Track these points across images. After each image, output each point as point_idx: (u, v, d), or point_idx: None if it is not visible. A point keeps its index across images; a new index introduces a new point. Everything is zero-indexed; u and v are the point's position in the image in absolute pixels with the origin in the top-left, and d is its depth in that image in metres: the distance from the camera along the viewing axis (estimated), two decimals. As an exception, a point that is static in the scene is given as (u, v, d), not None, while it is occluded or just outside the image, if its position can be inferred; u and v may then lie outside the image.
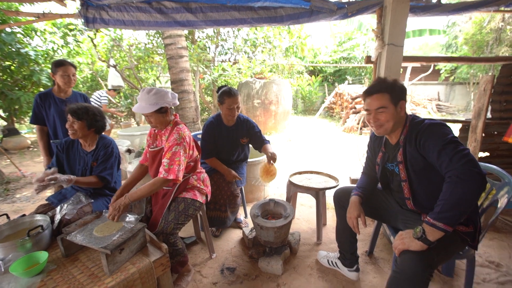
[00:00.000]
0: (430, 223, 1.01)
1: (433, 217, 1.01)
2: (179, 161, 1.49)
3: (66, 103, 2.08)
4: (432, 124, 1.16)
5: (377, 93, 1.24)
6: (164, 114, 1.56)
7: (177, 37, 4.08)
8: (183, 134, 1.55)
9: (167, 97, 1.53)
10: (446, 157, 1.03)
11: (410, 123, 1.24)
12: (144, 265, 1.29)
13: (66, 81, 2.05)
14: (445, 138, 1.07)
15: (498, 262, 1.80)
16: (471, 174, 0.97)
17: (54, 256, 1.36)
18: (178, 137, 1.53)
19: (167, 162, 1.48)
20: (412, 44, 16.43)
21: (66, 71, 2.03)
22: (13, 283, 1.16)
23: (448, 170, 1.02)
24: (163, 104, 1.51)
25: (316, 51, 11.33)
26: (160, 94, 1.50)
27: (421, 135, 1.15)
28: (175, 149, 1.50)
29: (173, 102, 1.57)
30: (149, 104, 1.48)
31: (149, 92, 1.49)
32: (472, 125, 2.39)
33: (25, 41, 5.25)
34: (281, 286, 1.64)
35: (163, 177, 1.46)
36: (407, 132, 1.24)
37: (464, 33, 8.90)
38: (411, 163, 1.22)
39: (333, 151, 4.96)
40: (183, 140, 1.54)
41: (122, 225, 1.40)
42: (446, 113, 9.13)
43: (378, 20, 1.99)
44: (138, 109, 1.50)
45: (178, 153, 1.50)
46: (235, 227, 2.31)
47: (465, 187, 0.97)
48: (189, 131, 1.67)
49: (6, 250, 1.28)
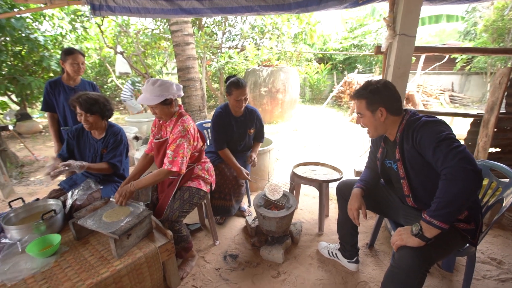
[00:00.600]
0: (426, 221, 1.02)
1: (429, 215, 1.02)
2: (183, 154, 1.52)
3: (75, 91, 2.11)
4: (428, 121, 1.15)
5: (356, 98, 1.29)
6: (169, 106, 1.57)
7: (183, 24, 4.02)
8: (188, 127, 1.58)
9: (172, 89, 1.54)
10: (441, 154, 1.03)
11: (407, 120, 1.23)
12: (150, 250, 1.36)
13: (76, 69, 2.07)
14: (440, 135, 1.06)
15: (500, 259, 1.80)
16: (465, 172, 0.96)
17: (66, 238, 1.44)
18: (182, 129, 1.55)
19: (171, 154, 1.51)
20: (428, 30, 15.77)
21: (75, 59, 2.05)
22: (29, 263, 1.24)
23: (443, 168, 1.02)
24: (167, 96, 1.51)
25: (326, 37, 10.97)
26: (165, 86, 1.51)
27: (417, 132, 1.14)
28: (179, 142, 1.53)
29: (178, 94, 1.58)
30: (154, 95, 1.49)
31: (154, 84, 1.49)
32: (484, 120, 2.32)
33: (34, 26, 5.28)
34: (281, 274, 1.70)
35: (167, 168, 1.50)
36: (403, 130, 1.23)
37: (484, 19, 8.43)
38: (409, 160, 1.22)
39: (339, 141, 4.92)
40: (187, 132, 1.56)
41: (129, 211, 1.45)
42: (460, 105, 8.83)
43: (390, 8, 1.90)
44: (143, 100, 1.52)
45: (182, 146, 1.53)
46: (239, 216, 2.37)
47: (459, 185, 0.96)
48: (194, 122, 1.68)
49: (22, 232, 1.36)
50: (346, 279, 1.66)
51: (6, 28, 4.23)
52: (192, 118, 4.35)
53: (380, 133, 1.32)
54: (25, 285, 1.14)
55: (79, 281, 1.16)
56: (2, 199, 2.85)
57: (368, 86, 1.26)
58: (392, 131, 1.29)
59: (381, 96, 1.23)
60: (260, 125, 2.29)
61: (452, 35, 14.49)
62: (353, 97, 1.32)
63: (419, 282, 1.03)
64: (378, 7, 6.82)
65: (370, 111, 1.25)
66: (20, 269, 1.20)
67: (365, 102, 1.26)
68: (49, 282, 1.16)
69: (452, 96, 9.20)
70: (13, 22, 4.38)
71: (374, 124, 1.28)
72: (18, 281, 1.15)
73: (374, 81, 1.28)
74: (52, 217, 1.43)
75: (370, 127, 1.30)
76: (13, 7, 4.27)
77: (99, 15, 2.28)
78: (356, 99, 1.30)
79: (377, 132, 1.31)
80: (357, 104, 1.30)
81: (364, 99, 1.26)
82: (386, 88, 1.24)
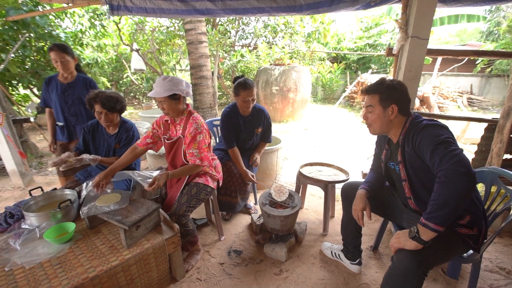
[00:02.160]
0: (422, 223, 1.03)
1: (424, 217, 1.02)
2: (206, 148, 1.67)
3: (67, 88, 2.12)
4: (428, 124, 1.15)
5: (371, 92, 1.28)
6: (177, 101, 1.63)
7: (197, 23, 4.09)
8: (201, 122, 1.68)
9: (181, 85, 1.61)
10: (437, 157, 1.03)
11: (410, 123, 1.24)
12: (157, 242, 1.42)
13: (59, 67, 2.01)
14: (437, 139, 1.06)
15: (509, 269, 1.75)
16: (458, 175, 0.96)
17: (80, 227, 1.53)
18: (197, 126, 1.64)
19: (196, 151, 1.63)
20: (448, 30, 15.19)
21: (54, 56, 1.98)
22: (46, 248, 1.33)
23: (438, 170, 1.02)
24: (176, 91, 1.58)
25: (340, 36, 10.80)
26: (175, 82, 1.58)
27: (417, 135, 1.15)
28: (199, 138, 1.63)
29: (186, 91, 1.64)
30: (163, 89, 1.56)
31: (165, 79, 1.58)
32: (499, 125, 2.25)
33: (56, 23, 5.51)
34: (284, 272, 1.73)
35: (199, 163, 1.64)
36: (406, 132, 1.24)
37: (508, 19, 8.05)
38: (410, 163, 1.22)
39: (349, 142, 4.87)
40: (203, 127, 1.67)
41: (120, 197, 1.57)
42: (479, 108, 8.48)
43: (403, 10, 1.87)
44: (153, 93, 1.59)
45: (203, 141, 1.65)
46: (245, 213, 2.41)
47: (451, 188, 0.97)
48: (202, 119, 1.75)
49: (40, 219, 1.45)
50: (348, 281, 1.67)
51: (31, 25, 4.44)
52: (202, 116, 4.44)
53: (384, 131, 1.32)
54: (42, 269, 1.22)
55: (90, 267, 1.23)
56: (23, 187, 3.02)
57: (384, 82, 1.27)
58: (396, 132, 1.30)
59: (396, 94, 1.24)
60: (268, 124, 2.31)
61: (474, 35, 13.92)
62: (367, 91, 1.31)
63: (416, 285, 1.04)
64: (395, 6, 6.65)
65: (383, 106, 1.26)
66: (38, 253, 1.29)
67: (379, 97, 1.26)
68: (63, 266, 1.24)
69: (471, 99, 8.86)
70: (37, 19, 4.59)
71: (381, 120, 1.27)
72: (36, 264, 1.24)
73: (389, 79, 1.30)
74: (68, 206, 1.52)
75: (376, 123, 1.29)
76: (37, 5, 4.48)
77: (117, 15, 2.36)
78: (370, 93, 1.29)
79: (381, 129, 1.31)
80: (369, 98, 1.29)
81: (379, 94, 1.26)
82: (401, 86, 1.26)
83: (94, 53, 6.54)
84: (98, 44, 6.61)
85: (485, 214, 1.20)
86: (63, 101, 2.14)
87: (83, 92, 2.13)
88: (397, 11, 6.71)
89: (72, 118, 2.20)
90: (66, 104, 2.15)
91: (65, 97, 2.14)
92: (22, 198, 2.70)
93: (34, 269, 1.22)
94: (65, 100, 2.14)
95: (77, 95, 2.15)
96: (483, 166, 2.03)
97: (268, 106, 6.46)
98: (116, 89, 9.23)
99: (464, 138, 4.47)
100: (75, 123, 2.22)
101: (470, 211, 1.15)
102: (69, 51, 2.05)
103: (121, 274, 1.29)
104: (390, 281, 1.09)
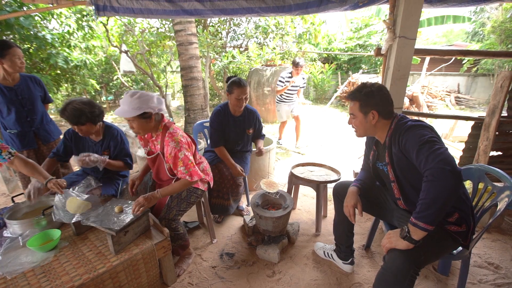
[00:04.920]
0: (412, 223, 1.03)
1: (414, 217, 1.03)
2: (192, 162, 1.54)
3: (15, 90, 1.93)
4: (412, 125, 1.17)
5: (351, 99, 1.32)
6: (148, 120, 1.48)
7: (187, 24, 4.05)
8: (178, 139, 1.52)
9: (152, 102, 1.45)
10: (423, 156, 1.05)
11: (395, 124, 1.25)
12: (146, 247, 1.39)
13: (19, 64, 1.85)
14: (422, 139, 1.08)
15: (497, 264, 1.78)
16: (443, 173, 0.98)
17: (66, 234, 1.48)
18: (175, 144, 1.50)
19: (183, 169, 1.51)
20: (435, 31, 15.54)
21: (16, 53, 1.82)
22: (30, 257, 1.28)
23: (425, 170, 1.04)
24: (146, 109, 1.43)
25: (331, 37, 10.92)
26: (144, 98, 1.42)
27: (402, 136, 1.17)
28: (181, 155, 1.50)
29: (158, 108, 1.49)
30: (131, 108, 1.40)
31: (133, 96, 1.41)
32: (485, 123, 2.30)
33: (43, 24, 5.37)
34: (276, 274, 1.72)
35: (189, 180, 1.53)
36: (392, 134, 1.25)
37: (492, 20, 8.29)
38: (397, 164, 1.23)
39: (340, 142, 4.90)
40: (181, 143, 1.52)
41: (90, 205, 1.53)
42: (466, 107, 8.69)
43: (390, 11, 1.90)
44: (120, 113, 1.42)
45: (186, 157, 1.51)
46: (237, 215, 2.39)
47: (437, 186, 0.98)
48: (180, 130, 1.63)
49: (24, 226, 1.40)
50: (341, 280, 1.67)
51: (15, 27, 4.31)
52: (193, 118, 4.40)
53: (369, 134, 1.36)
54: (25, 278, 1.18)
55: (76, 275, 1.19)
56: (7, 193, 2.92)
57: (362, 89, 1.29)
58: (382, 134, 1.31)
59: (374, 100, 1.26)
60: (260, 125, 2.31)
61: (460, 36, 14.29)
62: (348, 98, 1.35)
63: (408, 284, 1.04)
64: (384, 7, 6.76)
65: (363, 113, 1.29)
66: (20, 263, 1.24)
67: (358, 104, 1.29)
68: (47, 275, 1.19)
69: (458, 97, 9.07)
70: (22, 20, 4.46)
71: (364, 126, 1.31)
72: (18, 274, 1.19)
73: (369, 83, 1.30)
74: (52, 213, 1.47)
75: (360, 128, 1.34)
76: (22, 6, 4.36)
77: (103, 15, 2.31)
78: (350, 100, 1.33)
79: (366, 133, 1.36)
80: (351, 105, 1.33)
81: (358, 101, 1.29)
82: (380, 92, 1.26)
83: (83, 55, 6.41)
84: (87, 46, 6.48)
85: (472, 211, 1.22)
86: (19, 105, 1.96)
87: (35, 91, 2.03)
88: (386, 12, 6.82)
89: (30, 122, 2.03)
90: (23, 107, 1.98)
91: (21, 101, 1.96)
92: (6, 205, 2.60)
93: (16, 279, 1.17)
94: (21, 104, 1.97)
95: (31, 96, 2.00)
96: (471, 163, 2.07)
97: (260, 107, 6.46)
98: (106, 92, 9.07)
99: (452, 136, 4.56)
100: (34, 128, 2.06)
101: (459, 208, 1.17)
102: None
103: (108, 282, 1.26)
104: (383, 281, 1.10)
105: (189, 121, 4.52)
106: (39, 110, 2.09)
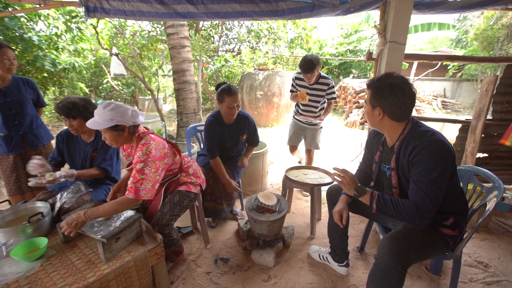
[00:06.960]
0: (374, 199, 1.18)
1: (378, 198, 1.17)
2: (142, 179, 1.36)
3: (5, 93, 1.89)
4: (432, 145, 1.09)
5: (366, 87, 1.24)
6: (121, 133, 1.41)
7: (179, 27, 4.03)
8: (147, 150, 1.40)
9: (126, 115, 1.37)
10: (417, 187, 1.12)
11: (409, 131, 1.18)
12: (139, 254, 1.34)
13: (8, 66, 1.81)
14: (430, 174, 1.08)
15: (486, 263, 1.83)
16: (417, 214, 1.08)
17: (54, 242, 1.42)
18: (141, 154, 1.39)
19: (130, 180, 1.37)
20: (421, 37, 16.05)
21: (5, 53, 1.77)
22: (14, 267, 1.22)
23: (415, 195, 1.11)
24: (119, 122, 1.36)
25: (322, 42, 11.11)
26: (118, 111, 1.35)
27: (417, 152, 1.10)
28: (138, 167, 1.37)
29: (133, 121, 1.42)
30: (103, 119, 1.34)
31: (106, 107, 1.35)
32: (472, 126, 2.38)
33: (29, 26, 5.23)
34: (272, 278, 1.70)
35: (126, 195, 1.35)
36: (403, 140, 1.19)
37: (474, 28, 8.65)
38: (402, 171, 1.21)
39: (333, 145, 4.96)
40: (148, 155, 1.39)
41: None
42: (452, 111, 8.98)
43: (381, 16, 1.95)
44: (91, 124, 1.37)
45: (142, 171, 1.36)
46: (231, 219, 2.36)
47: (405, 216, 1.11)
48: (158, 139, 1.50)
49: (7, 235, 1.34)
50: (336, 283, 1.66)
51: (-1, 28, 4.19)
52: (186, 121, 4.36)
53: (376, 129, 1.31)
54: (9, 290, 1.12)
55: (64, 285, 1.14)
56: (-10, 201, 2.79)
57: (380, 80, 1.17)
58: (392, 136, 1.25)
59: (382, 98, 1.14)
60: (253, 130, 2.27)
61: (445, 43, 14.80)
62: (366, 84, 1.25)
63: (396, 281, 1.06)
64: (373, 14, 6.94)
65: (371, 105, 1.21)
66: (4, 274, 1.18)
67: (370, 94, 1.21)
68: (33, 286, 1.14)
69: (444, 102, 9.37)
70: (7, 21, 4.34)
71: (371, 119, 1.26)
72: (2, 286, 1.13)
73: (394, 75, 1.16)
74: (39, 220, 1.41)
75: (368, 119, 1.28)
76: (7, 6, 4.24)
77: (94, 17, 2.27)
78: (366, 87, 1.24)
79: (373, 126, 1.30)
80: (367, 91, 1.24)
81: (370, 91, 1.21)
82: (391, 91, 1.12)
83: (71, 57, 6.27)
84: (75, 49, 6.35)
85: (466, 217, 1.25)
86: (7, 107, 1.90)
87: (26, 94, 1.96)
88: (375, 19, 7.00)
89: (18, 126, 1.97)
90: (10, 111, 1.92)
91: (9, 103, 1.91)
92: (-11, 212, 2.48)
93: (-1, 290, 1.11)
94: (9, 106, 1.91)
95: (21, 98, 1.94)
96: (459, 165, 2.13)
97: (253, 111, 6.47)
98: (96, 95, 8.88)
99: (440, 139, 4.68)
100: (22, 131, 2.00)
101: (456, 213, 1.19)
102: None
103: (99, 291, 1.21)
104: (374, 278, 1.13)
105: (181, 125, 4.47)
106: (29, 114, 2.02)
